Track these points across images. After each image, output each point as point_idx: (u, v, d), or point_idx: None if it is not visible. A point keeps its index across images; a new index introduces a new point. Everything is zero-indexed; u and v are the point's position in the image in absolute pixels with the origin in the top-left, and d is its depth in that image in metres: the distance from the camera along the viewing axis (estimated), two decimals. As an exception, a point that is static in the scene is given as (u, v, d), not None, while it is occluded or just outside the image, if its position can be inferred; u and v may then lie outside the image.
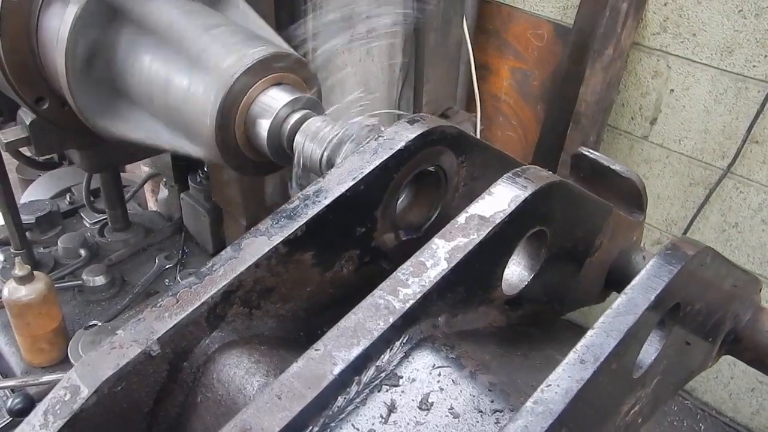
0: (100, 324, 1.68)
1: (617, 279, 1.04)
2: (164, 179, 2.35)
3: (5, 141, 1.36)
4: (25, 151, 1.59)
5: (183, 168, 2.14)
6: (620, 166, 1.04)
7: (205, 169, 2.08)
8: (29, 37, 1.28)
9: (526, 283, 0.78)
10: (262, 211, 1.92)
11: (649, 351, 0.67)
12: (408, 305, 0.60)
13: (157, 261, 2.05)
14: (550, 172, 0.78)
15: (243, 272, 0.67)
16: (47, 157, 1.89)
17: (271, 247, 0.68)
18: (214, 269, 0.67)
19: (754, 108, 2.34)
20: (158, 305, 0.65)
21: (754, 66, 2.31)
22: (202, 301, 0.64)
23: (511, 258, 0.73)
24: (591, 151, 1.05)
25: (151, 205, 2.72)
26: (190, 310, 0.64)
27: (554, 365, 0.65)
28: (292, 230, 0.69)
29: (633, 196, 1.07)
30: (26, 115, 1.38)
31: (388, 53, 1.87)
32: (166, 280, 2.00)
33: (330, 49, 1.15)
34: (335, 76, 1.14)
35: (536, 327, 0.84)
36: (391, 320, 0.59)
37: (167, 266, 2.04)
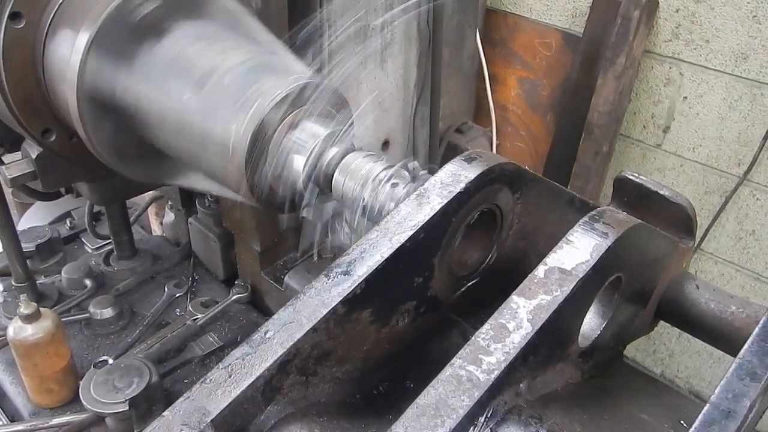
0: (111, 361, 1.59)
1: (668, 309, 0.98)
2: (169, 202, 2.26)
3: (10, 177, 1.28)
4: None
5: (190, 191, 2.06)
6: (668, 191, 0.98)
7: (214, 192, 2.00)
8: (35, 66, 1.20)
9: (599, 331, 0.72)
10: (276, 236, 1.84)
11: (750, 412, 0.61)
12: (493, 376, 0.54)
13: (166, 290, 1.96)
14: (625, 213, 0.72)
15: (300, 338, 0.60)
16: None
17: (330, 308, 0.61)
18: (268, 336, 0.60)
19: (771, 114, 2.30)
20: (208, 381, 0.58)
21: (769, 72, 2.27)
22: (258, 374, 0.58)
23: (585, 308, 0.67)
24: (636, 174, 1.00)
25: (155, 229, 2.63)
26: (245, 385, 0.57)
27: (643, 427, 0.58)
28: (351, 288, 0.63)
29: (683, 222, 1.01)
30: (32, 148, 1.30)
31: (402, 69, 1.81)
32: (177, 309, 1.91)
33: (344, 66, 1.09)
34: (349, 94, 1.07)
35: (605, 376, 0.78)
36: (477, 395, 0.53)
37: (177, 295, 1.96)
